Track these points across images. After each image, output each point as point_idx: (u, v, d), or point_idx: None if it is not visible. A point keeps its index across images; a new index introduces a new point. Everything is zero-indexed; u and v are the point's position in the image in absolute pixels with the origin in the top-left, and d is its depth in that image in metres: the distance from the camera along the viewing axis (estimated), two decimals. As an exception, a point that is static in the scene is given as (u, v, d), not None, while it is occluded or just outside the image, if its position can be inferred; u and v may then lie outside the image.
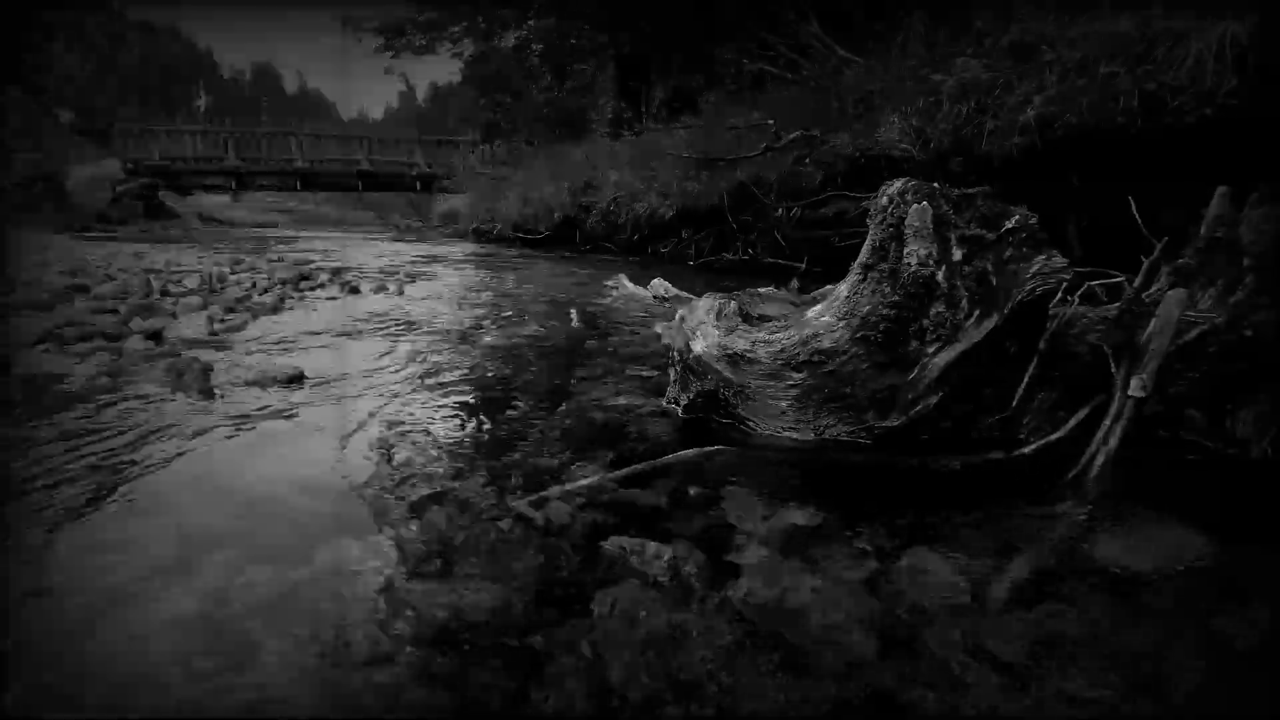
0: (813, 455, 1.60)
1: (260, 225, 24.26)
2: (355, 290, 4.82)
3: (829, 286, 1.74)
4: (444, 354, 2.70)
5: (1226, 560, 1.16)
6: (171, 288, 4.29)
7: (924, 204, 1.49)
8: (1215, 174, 1.90)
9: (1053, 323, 1.70)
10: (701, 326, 1.80)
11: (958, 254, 1.52)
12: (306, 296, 4.46)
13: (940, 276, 1.50)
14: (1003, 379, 1.63)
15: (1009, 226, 1.53)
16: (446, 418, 1.86)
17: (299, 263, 6.74)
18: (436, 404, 1.99)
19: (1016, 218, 1.54)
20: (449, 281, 5.78)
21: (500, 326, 3.42)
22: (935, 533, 1.22)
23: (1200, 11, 3.54)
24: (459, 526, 1.22)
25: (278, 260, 7.07)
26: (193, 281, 4.63)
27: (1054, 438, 1.57)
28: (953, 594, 1.03)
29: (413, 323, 3.47)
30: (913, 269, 1.50)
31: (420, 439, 1.68)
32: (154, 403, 1.91)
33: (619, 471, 1.43)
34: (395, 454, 1.56)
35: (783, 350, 1.65)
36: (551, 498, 1.30)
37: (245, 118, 23.51)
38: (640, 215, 8.36)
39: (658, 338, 2.96)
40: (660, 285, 4.39)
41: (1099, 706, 0.81)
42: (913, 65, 5.34)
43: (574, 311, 3.83)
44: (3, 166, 13.50)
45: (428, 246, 11.51)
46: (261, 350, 2.70)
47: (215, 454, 1.54)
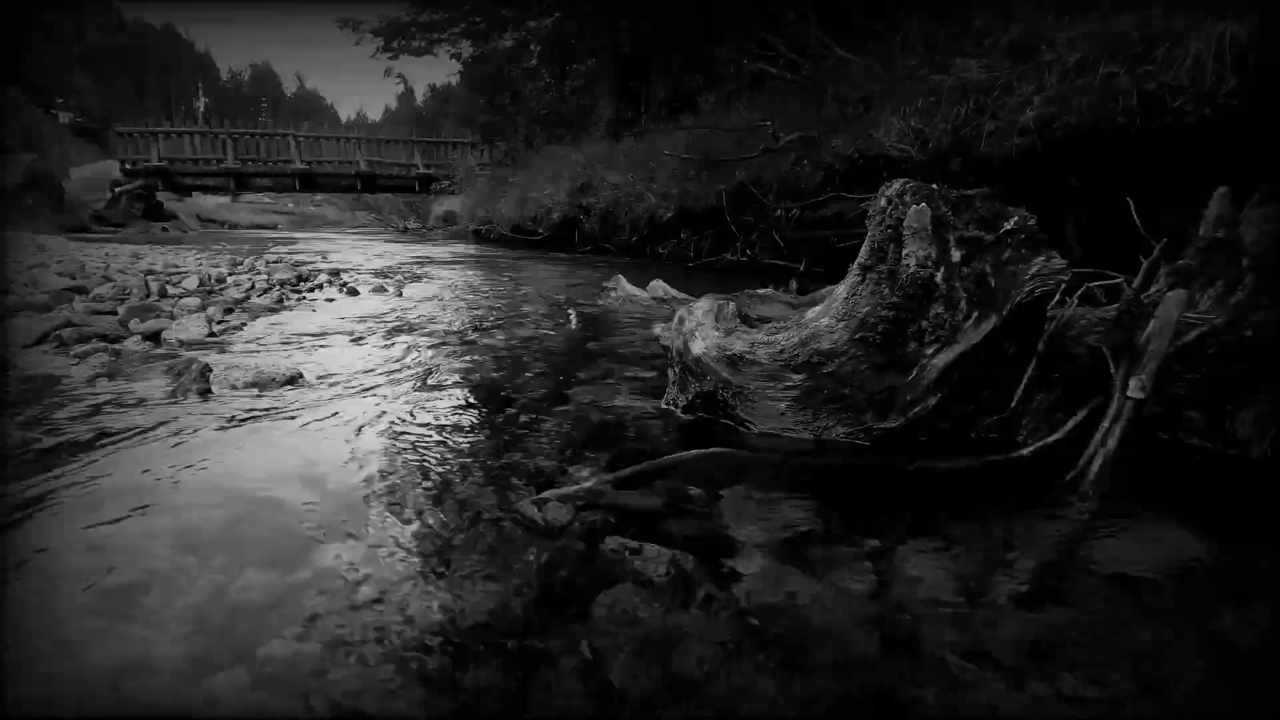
0: (812, 456, 1.60)
1: (259, 226, 24.30)
2: (354, 291, 4.82)
3: (828, 288, 1.74)
4: (443, 355, 2.69)
5: (1226, 560, 1.16)
6: (170, 289, 4.29)
7: (923, 205, 1.49)
8: (1215, 174, 1.90)
9: (1051, 324, 1.71)
10: (700, 328, 1.80)
11: (956, 255, 1.52)
12: (305, 297, 4.46)
13: (939, 278, 1.50)
14: (1001, 380, 1.63)
15: (1008, 228, 1.53)
16: (445, 418, 1.86)
17: (297, 264, 6.75)
18: (435, 405, 1.99)
19: (1015, 219, 1.53)
20: (448, 283, 5.78)
21: (499, 327, 3.42)
22: (934, 534, 1.22)
23: (1200, 11, 3.54)
24: (458, 527, 1.22)
25: (276, 261, 7.07)
26: (191, 283, 4.63)
27: (1053, 439, 1.57)
28: (952, 594, 1.03)
29: (411, 324, 3.47)
30: (911, 270, 1.50)
31: (419, 439, 1.68)
32: (152, 403, 1.91)
33: (618, 472, 1.43)
34: (395, 453, 1.56)
35: (782, 351, 1.65)
36: (551, 498, 1.30)
37: (244, 119, 23.46)
38: (639, 216, 8.37)
39: (656, 339, 2.96)
40: (659, 286, 4.39)
41: (1099, 706, 0.81)
42: (912, 65, 5.35)
43: (572, 312, 3.83)
44: (1, 167, 13.50)
45: (426, 248, 11.52)
46: (260, 351, 2.70)
47: (213, 454, 1.54)
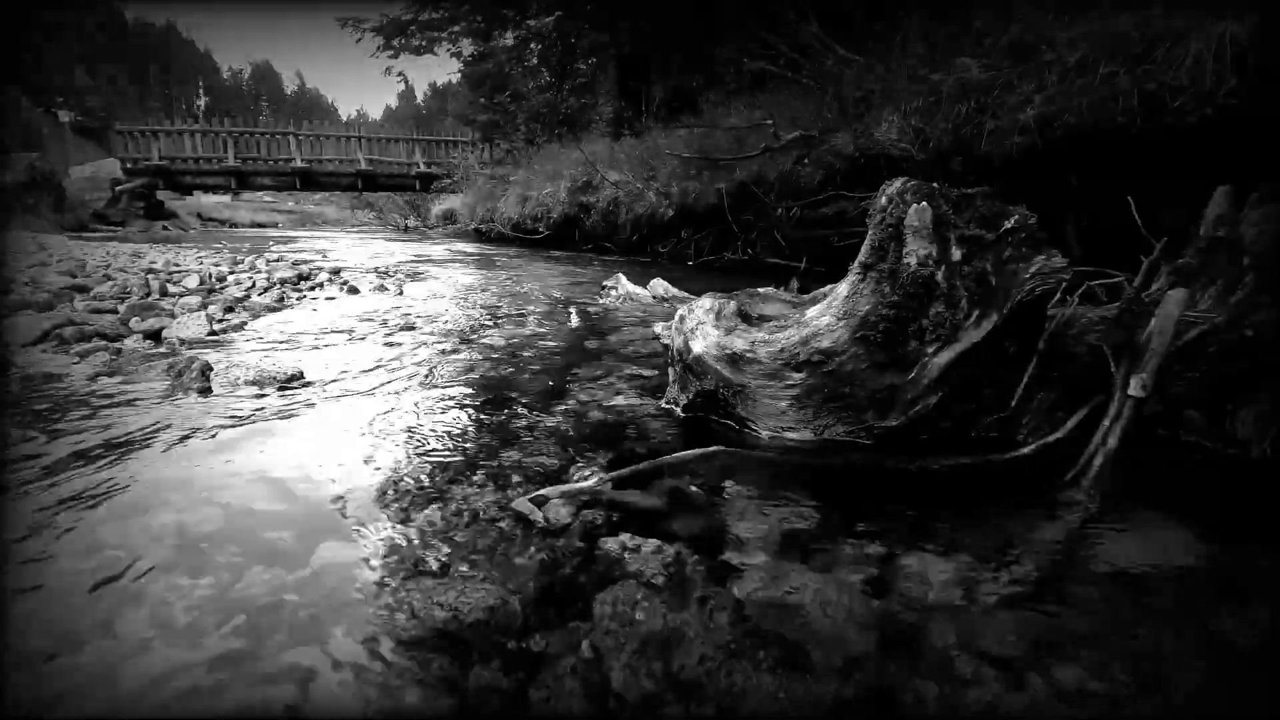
0: (812, 455, 1.60)
1: (259, 225, 24.29)
2: (354, 290, 4.82)
3: (828, 286, 1.74)
4: (443, 353, 2.69)
5: (1226, 560, 1.16)
6: (170, 287, 4.29)
7: (923, 204, 1.49)
8: (1215, 174, 1.90)
9: (1052, 323, 1.71)
10: (701, 326, 1.80)
11: (957, 254, 1.51)
12: (306, 296, 4.46)
13: (940, 276, 1.50)
14: (1002, 379, 1.63)
15: (1008, 226, 1.53)
16: (445, 417, 1.86)
17: (298, 262, 6.74)
18: (435, 403, 1.99)
19: (1016, 218, 1.53)
20: (448, 281, 5.78)
21: (499, 326, 3.42)
22: (934, 532, 1.22)
23: (1200, 11, 3.54)
24: (458, 526, 1.22)
25: (277, 260, 7.07)
26: (192, 281, 4.63)
27: (1053, 438, 1.57)
28: (952, 593, 1.03)
29: (412, 322, 3.47)
30: (912, 269, 1.50)
31: (420, 438, 1.68)
32: (152, 402, 1.91)
33: (618, 471, 1.43)
34: (395, 452, 1.56)
35: (782, 350, 1.65)
36: (551, 497, 1.30)
37: (244, 117, 23.46)
38: (640, 215, 8.36)
39: (657, 338, 2.96)
40: (660, 285, 4.39)
41: (1099, 706, 0.81)
42: (912, 65, 5.34)
43: (573, 311, 3.83)
44: (2, 166, 13.50)
45: (427, 246, 11.51)
46: (261, 350, 2.70)
47: (214, 453, 1.54)
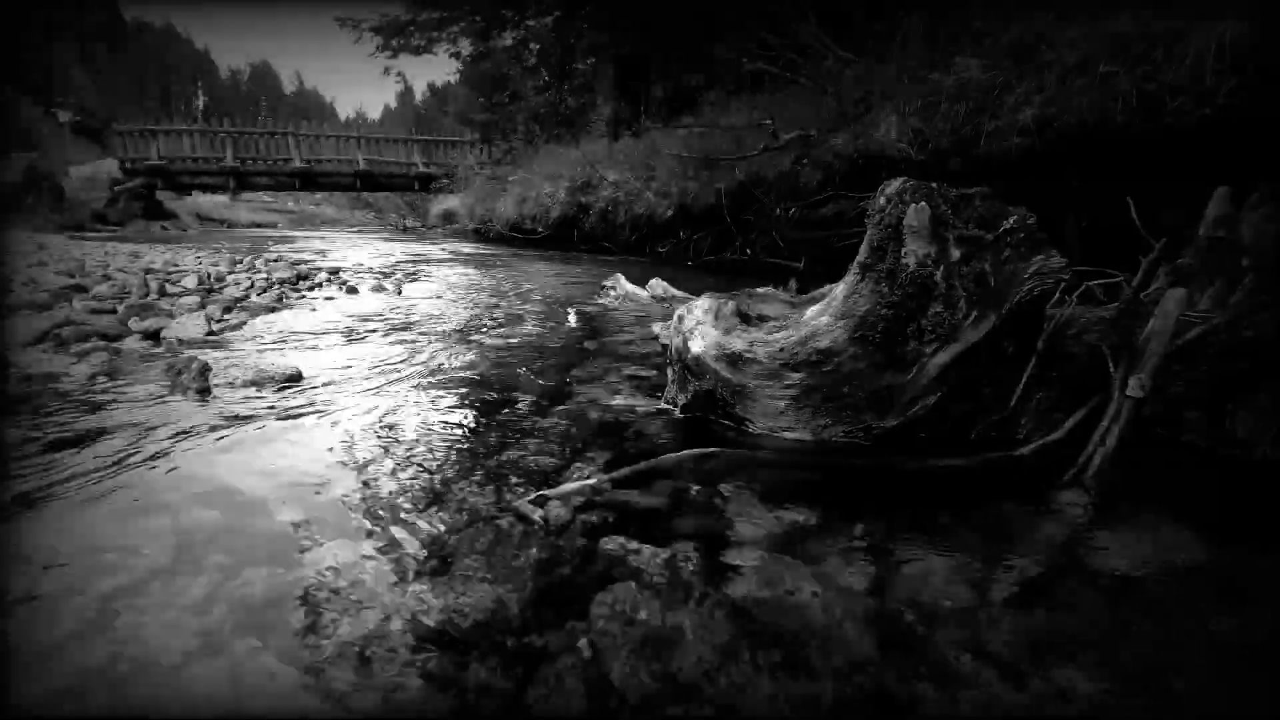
0: (811, 455, 1.60)
1: (258, 225, 24.27)
2: (353, 290, 4.81)
3: (827, 286, 1.74)
4: (442, 354, 2.69)
5: (1226, 560, 1.16)
6: (169, 287, 4.28)
7: (922, 204, 1.49)
8: (1215, 174, 1.90)
9: (1051, 323, 1.70)
10: (699, 326, 1.79)
11: (956, 254, 1.51)
12: (304, 296, 4.46)
13: (938, 276, 1.50)
14: (1001, 379, 1.63)
15: (1007, 227, 1.53)
16: (444, 417, 1.86)
17: (297, 262, 6.74)
18: (434, 403, 1.99)
19: (1014, 218, 1.53)
20: (447, 281, 5.78)
21: (498, 326, 3.41)
22: (933, 533, 1.22)
23: (1200, 11, 3.54)
24: (458, 526, 1.21)
25: (275, 260, 7.06)
26: (190, 281, 4.63)
27: (1052, 438, 1.57)
28: (951, 593, 1.03)
29: (411, 322, 3.47)
30: (911, 269, 1.50)
31: (418, 438, 1.67)
32: (151, 402, 1.91)
33: (617, 472, 1.43)
34: (394, 452, 1.56)
35: (781, 350, 1.64)
36: (550, 497, 1.30)
37: (243, 117, 23.47)
38: (639, 215, 8.37)
39: (655, 338, 2.96)
40: (658, 285, 4.38)
41: (1099, 706, 0.81)
42: (912, 65, 5.34)
43: (572, 311, 3.83)
44: (1, 166, 13.49)
45: (425, 246, 11.51)
46: (259, 350, 2.69)
47: (213, 453, 1.54)
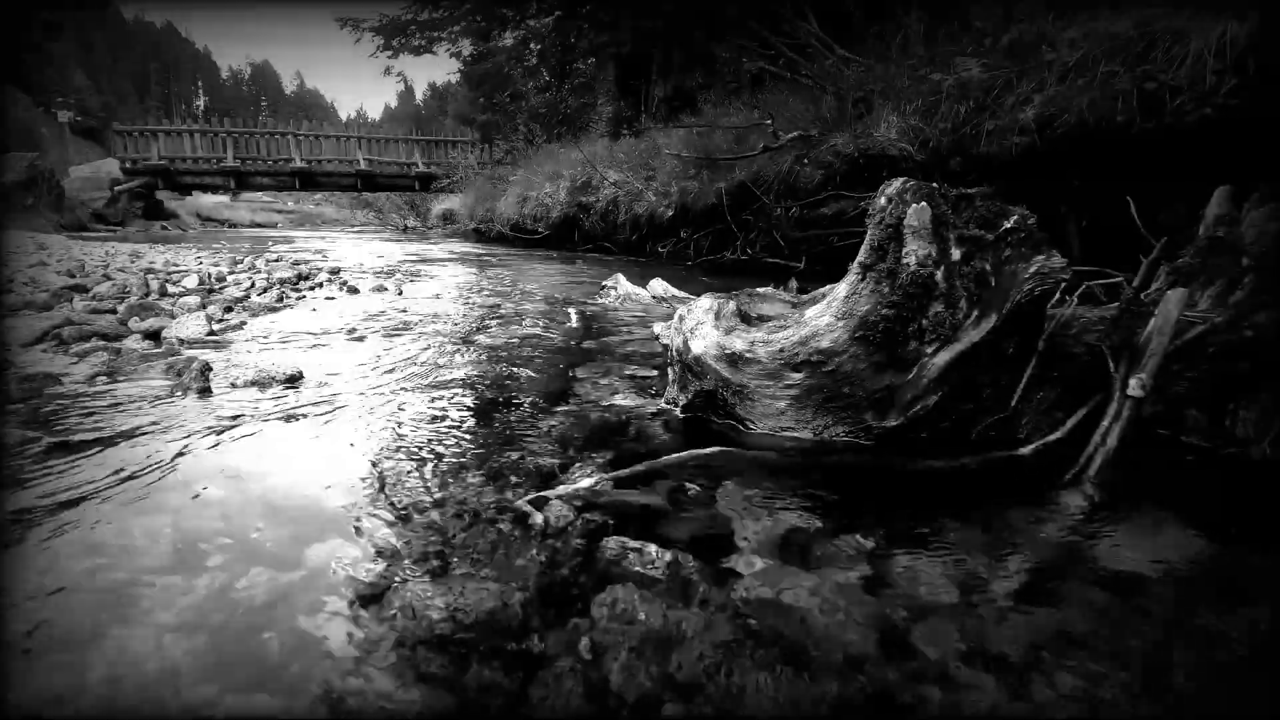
0: (812, 455, 1.60)
1: (258, 225, 24.31)
2: (354, 290, 4.82)
3: (828, 286, 1.74)
4: (442, 354, 2.69)
5: (1226, 560, 1.16)
6: (170, 287, 4.29)
7: (923, 204, 1.49)
8: (1215, 174, 1.90)
9: (1051, 323, 1.70)
10: (700, 326, 1.79)
11: (956, 254, 1.51)
12: (305, 296, 4.46)
13: (939, 276, 1.50)
14: (1001, 379, 1.63)
15: (1008, 226, 1.53)
16: (445, 417, 1.86)
17: (297, 262, 6.74)
18: (435, 403, 1.99)
19: (1015, 218, 1.53)
20: (447, 281, 5.78)
21: (499, 326, 3.41)
22: (934, 533, 1.22)
23: (1200, 11, 3.54)
24: (458, 526, 1.21)
25: (276, 260, 7.06)
26: (191, 281, 4.63)
27: (1053, 438, 1.57)
28: (952, 594, 1.03)
29: (411, 322, 3.47)
30: (911, 269, 1.50)
31: (419, 438, 1.67)
32: (152, 402, 1.91)
33: (618, 472, 1.43)
34: (395, 452, 1.56)
35: (781, 350, 1.64)
36: (551, 498, 1.30)
37: (244, 117, 23.49)
38: (639, 215, 8.37)
39: (656, 338, 2.96)
40: (659, 285, 4.38)
41: (1099, 706, 0.81)
42: (912, 65, 5.34)
43: (572, 311, 3.83)
44: (1, 166, 13.50)
45: (426, 246, 11.51)
46: (260, 350, 2.69)
47: (214, 453, 1.54)
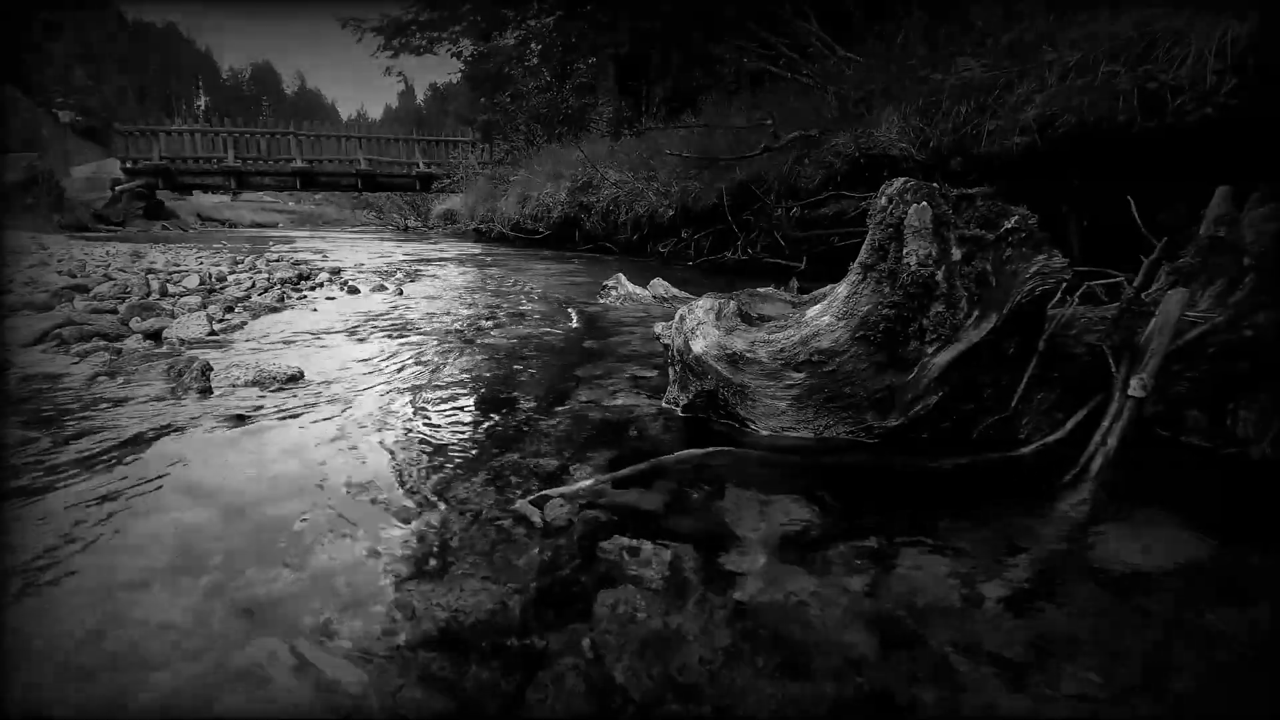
0: (812, 455, 1.60)
1: (259, 225, 24.33)
2: (354, 290, 4.82)
3: (829, 286, 1.74)
4: (443, 354, 2.69)
5: (1226, 560, 1.16)
6: (170, 287, 4.29)
7: (923, 204, 1.49)
8: (1215, 174, 1.90)
9: (1052, 323, 1.70)
10: (701, 326, 1.79)
11: (957, 254, 1.51)
12: (306, 296, 4.46)
13: (940, 276, 1.50)
14: (1002, 379, 1.63)
15: (1008, 226, 1.53)
16: (446, 417, 1.86)
17: (298, 262, 6.75)
18: (435, 403, 1.99)
19: (1016, 218, 1.53)
20: (448, 281, 5.78)
21: (499, 326, 3.42)
22: (935, 533, 1.22)
23: (1200, 11, 3.53)
24: (458, 526, 1.22)
25: (277, 260, 7.07)
26: (192, 281, 4.63)
27: (1053, 438, 1.57)
28: (952, 594, 1.03)
29: (412, 322, 3.47)
30: (912, 269, 1.50)
31: (419, 438, 1.68)
32: (152, 402, 1.91)
33: (618, 472, 1.43)
34: (395, 452, 1.56)
35: (782, 350, 1.65)
36: (551, 498, 1.30)
37: (245, 117, 23.51)
38: (640, 215, 8.37)
39: (657, 338, 2.96)
40: (659, 285, 4.38)
41: (1099, 706, 0.81)
42: (913, 65, 5.34)
43: (573, 311, 3.83)
44: (2, 166, 13.51)
45: (427, 246, 11.51)
46: (261, 350, 2.70)
47: (214, 453, 1.54)
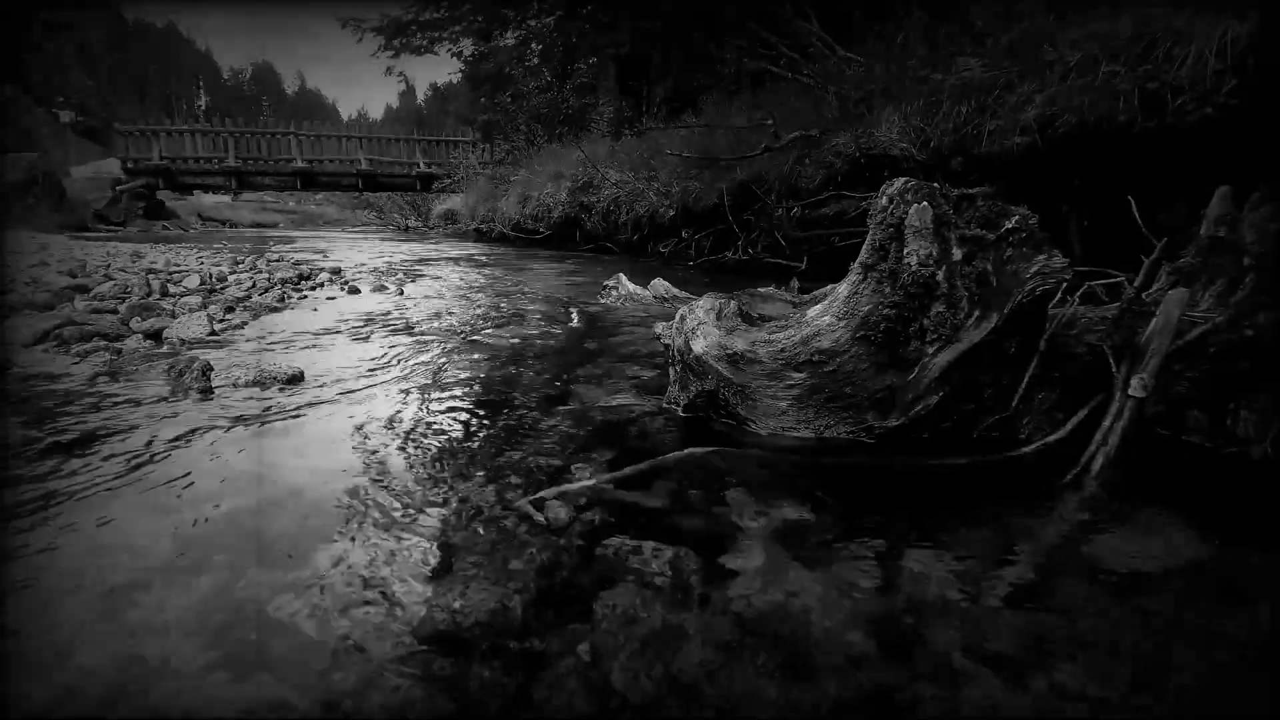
0: (813, 455, 1.60)
1: (260, 225, 24.32)
2: (355, 290, 4.82)
3: (829, 286, 1.74)
4: (444, 354, 2.69)
5: (1227, 560, 1.16)
6: (171, 287, 4.29)
7: (924, 204, 1.49)
8: (1216, 174, 1.90)
9: (1053, 323, 1.70)
10: (701, 326, 1.80)
11: (958, 254, 1.52)
12: (306, 296, 4.47)
13: (940, 276, 1.50)
14: (1003, 379, 1.63)
15: (1009, 227, 1.53)
16: (446, 417, 1.86)
17: (299, 262, 6.75)
18: (436, 403, 1.99)
19: (1016, 218, 1.53)
20: (448, 281, 5.78)
21: (500, 326, 3.42)
22: (935, 532, 1.22)
23: (1200, 11, 3.53)
24: (459, 526, 1.22)
25: (277, 260, 7.07)
26: (192, 281, 4.63)
27: (1054, 438, 1.57)
28: (953, 593, 1.03)
29: (412, 322, 3.47)
30: (913, 269, 1.50)
31: (420, 438, 1.68)
32: (153, 403, 1.91)
33: (619, 471, 1.43)
34: (395, 452, 1.56)
35: (783, 350, 1.65)
36: (551, 497, 1.30)
37: (245, 117, 23.52)
38: (640, 215, 8.37)
39: (657, 338, 2.96)
40: (660, 285, 4.38)
41: (1099, 706, 0.81)
42: (913, 65, 5.34)
43: (574, 311, 3.83)
44: (2, 166, 13.52)
45: (427, 246, 11.52)
46: (261, 350, 2.70)
47: (214, 454, 1.54)
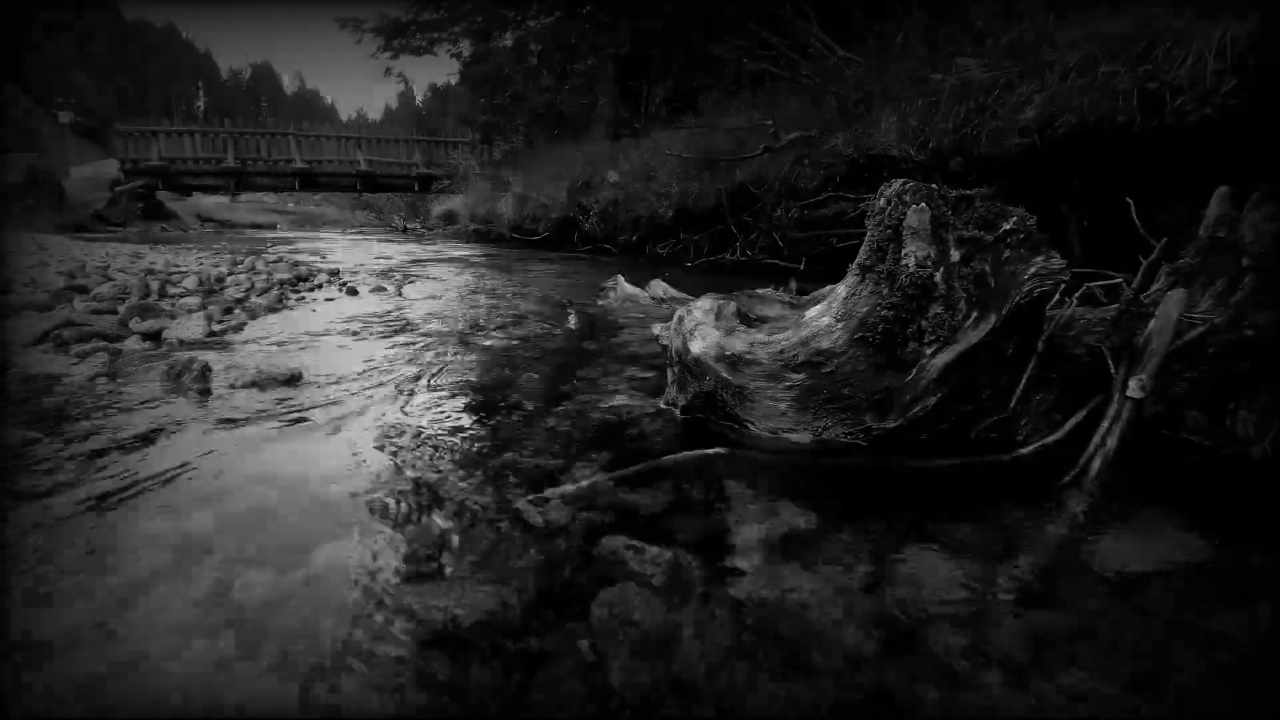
0: (811, 456, 1.60)
1: (259, 226, 24.32)
2: (353, 291, 4.82)
3: (827, 287, 1.74)
4: (442, 354, 2.69)
5: (1226, 560, 1.16)
6: (170, 288, 4.29)
7: (922, 205, 1.49)
8: (1215, 174, 1.90)
9: (1051, 324, 1.70)
10: (700, 327, 1.79)
11: (956, 255, 1.51)
12: (305, 297, 4.46)
13: (938, 278, 1.50)
14: (1001, 380, 1.63)
15: (1007, 228, 1.53)
16: (445, 418, 1.86)
17: (297, 263, 6.75)
18: (435, 404, 1.99)
19: (1014, 219, 1.53)
20: (447, 282, 5.78)
21: (498, 327, 3.42)
22: (934, 533, 1.22)
23: (1200, 11, 3.54)
24: (458, 527, 1.21)
25: (276, 261, 7.07)
26: (191, 282, 4.63)
27: (1053, 439, 1.57)
28: (952, 594, 1.03)
29: (411, 323, 3.47)
30: (911, 270, 1.50)
31: (418, 439, 1.67)
32: (152, 403, 1.91)
33: (618, 472, 1.43)
34: (394, 453, 1.56)
35: (781, 351, 1.64)
36: (550, 498, 1.30)
37: (244, 118, 23.53)
38: (639, 216, 8.37)
39: (656, 339, 2.96)
40: (659, 286, 4.38)
41: (1099, 706, 0.81)
42: (912, 65, 5.34)
43: (572, 312, 3.83)
44: (2, 166, 13.51)
45: (426, 247, 11.52)
46: (260, 351, 2.69)
47: (213, 454, 1.54)
